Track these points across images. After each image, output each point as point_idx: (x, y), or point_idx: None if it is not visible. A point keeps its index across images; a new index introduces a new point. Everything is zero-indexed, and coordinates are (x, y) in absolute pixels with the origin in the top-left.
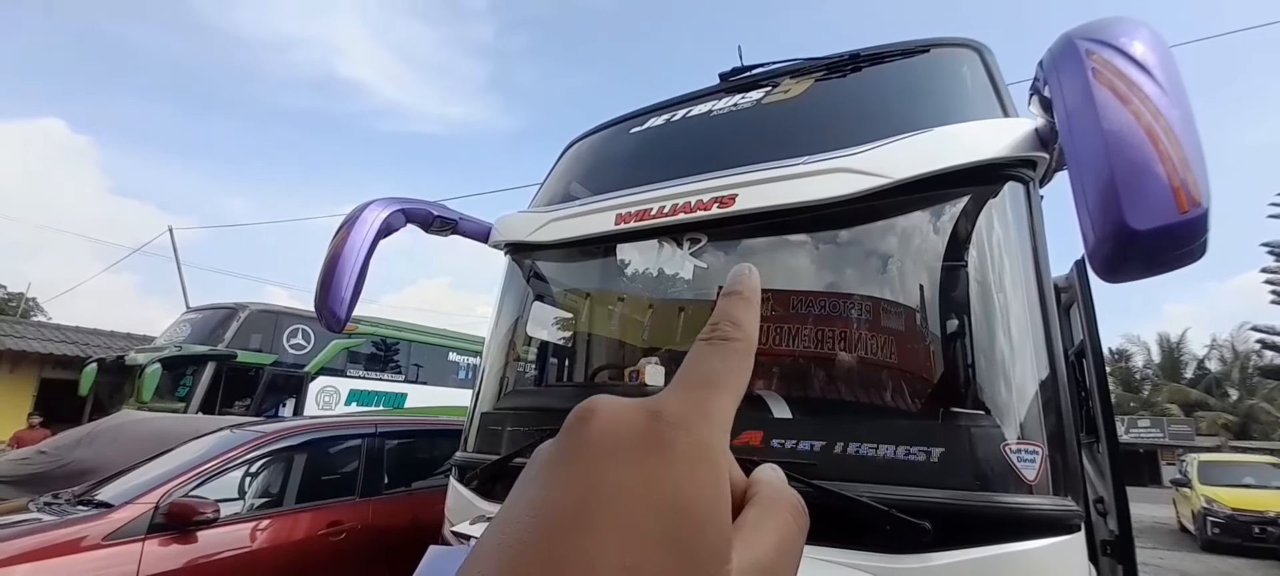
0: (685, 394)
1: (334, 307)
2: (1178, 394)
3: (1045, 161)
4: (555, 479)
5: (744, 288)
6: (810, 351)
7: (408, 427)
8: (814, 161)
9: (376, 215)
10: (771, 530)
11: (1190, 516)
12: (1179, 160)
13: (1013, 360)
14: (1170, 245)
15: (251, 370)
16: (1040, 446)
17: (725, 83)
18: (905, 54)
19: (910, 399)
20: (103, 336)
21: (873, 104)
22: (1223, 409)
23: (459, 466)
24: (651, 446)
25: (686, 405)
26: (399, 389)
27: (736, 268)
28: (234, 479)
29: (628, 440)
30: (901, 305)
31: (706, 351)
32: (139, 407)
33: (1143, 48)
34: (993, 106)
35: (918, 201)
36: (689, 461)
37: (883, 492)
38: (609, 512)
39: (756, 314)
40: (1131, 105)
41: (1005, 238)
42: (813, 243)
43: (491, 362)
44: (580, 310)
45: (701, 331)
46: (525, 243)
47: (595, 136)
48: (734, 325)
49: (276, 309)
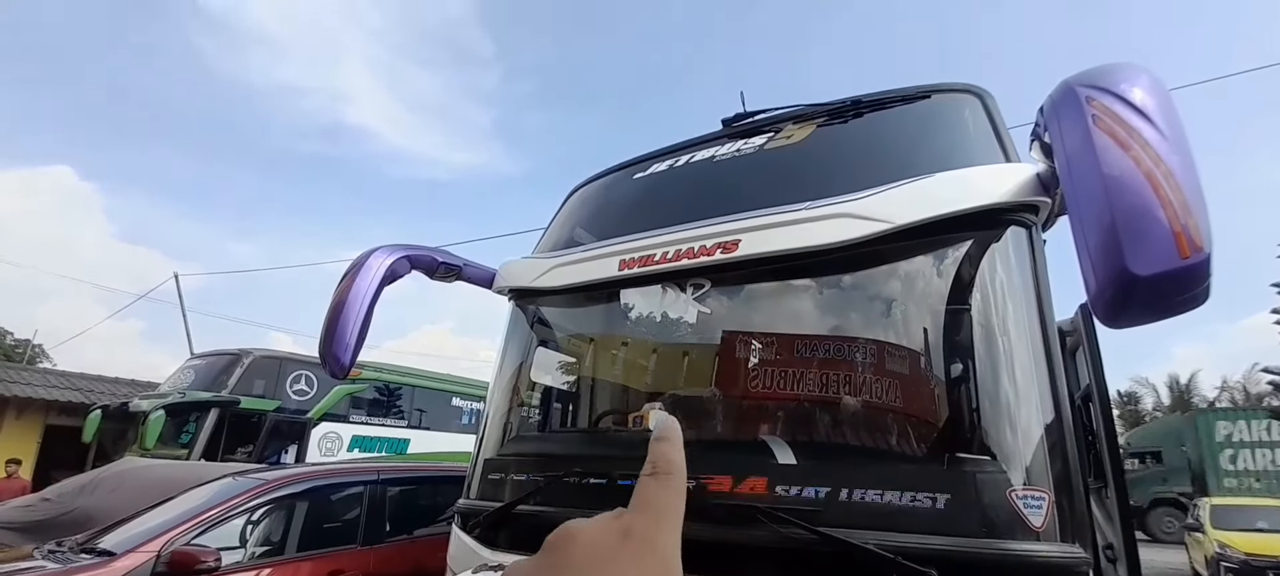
0: (645, 517)
1: (338, 354)
2: None
3: (1047, 206)
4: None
5: (670, 433)
6: (814, 396)
7: (410, 474)
8: (817, 207)
9: (381, 262)
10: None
11: (1203, 561)
12: (1180, 205)
13: (1018, 405)
14: (1172, 290)
15: (254, 416)
16: (1047, 492)
17: (728, 128)
18: (906, 100)
19: (915, 444)
20: (107, 383)
21: (875, 149)
22: None
23: (462, 513)
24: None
25: (647, 525)
26: (402, 435)
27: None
28: (236, 527)
29: (605, 555)
30: (906, 349)
31: (652, 485)
32: (143, 454)
33: (1142, 94)
34: (994, 151)
35: (921, 246)
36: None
37: (888, 540)
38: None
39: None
40: (1131, 151)
41: (1009, 282)
42: (816, 287)
43: (495, 408)
44: (584, 355)
45: (643, 468)
46: (529, 288)
47: (599, 182)
48: (668, 462)
49: (280, 354)
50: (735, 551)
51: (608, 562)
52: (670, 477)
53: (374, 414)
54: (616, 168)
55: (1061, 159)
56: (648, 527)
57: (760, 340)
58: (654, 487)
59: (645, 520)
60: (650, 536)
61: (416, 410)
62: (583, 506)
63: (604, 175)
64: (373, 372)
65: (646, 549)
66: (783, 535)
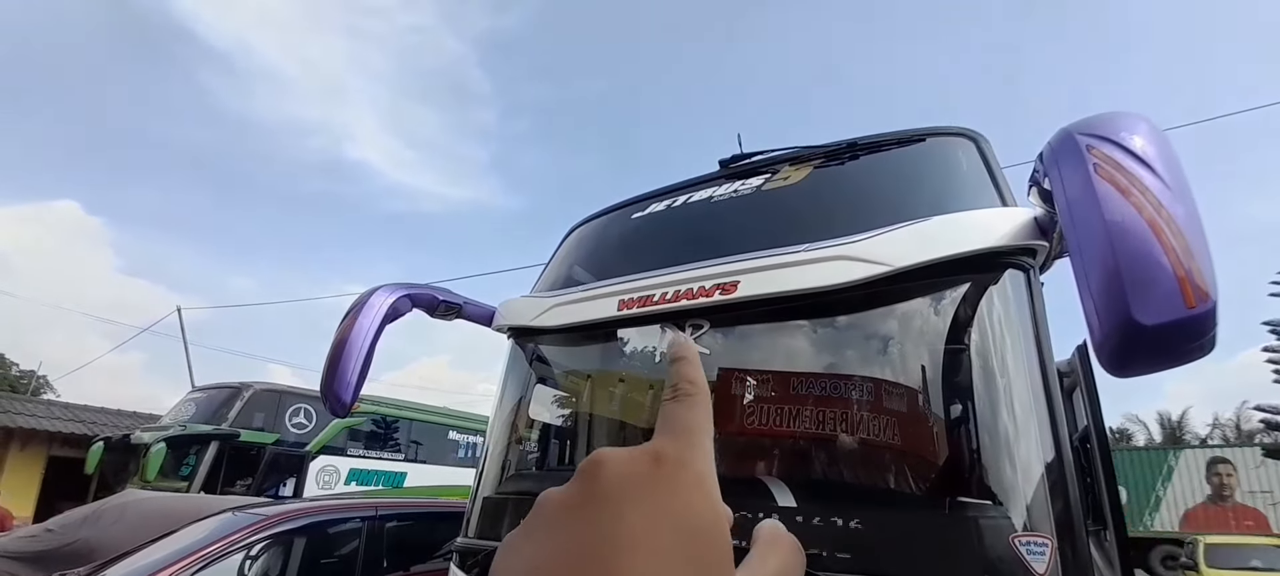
0: (674, 439)
1: (339, 392)
2: None
3: (1045, 249)
4: (579, 520)
5: (687, 352)
6: (813, 436)
7: (408, 510)
8: (815, 249)
9: (383, 301)
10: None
11: None
12: (1184, 253)
13: (1018, 448)
14: (1179, 340)
15: (254, 449)
16: (1049, 537)
17: (725, 169)
18: (902, 142)
19: (916, 487)
20: (110, 415)
21: (871, 191)
22: None
23: (460, 552)
24: (660, 481)
25: (678, 447)
26: (398, 468)
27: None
28: (234, 563)
29: (640, 479)
30: (905, 391)
31: (678, 407)
32: (144, 486)
33: (1142, 141)
34: (990, 194)
35: (919, 289)
36: (690, 488)
37: None
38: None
39: (702, 371)
40: (1133, 198)
41: (1007, 324)
42: (815, 328)
43: (494, 446)
44: (582, 393)
45: (665, 392)
46: (528, 327)
47: (597, 221)
48: (691, 382)
49: (279, 387)
50: None
51: (641, 488)
52: (694, 397)
53: (371, 447)
54: (615, 207)
55: (1062, 206)
56: (680, 449)
57: (758, 379)
58: (679, 409)
59: (676, 442)
60: (683, 457)
61: (413, 443)
62: None
63: (602, 214)
64: (370, 406)
65: (681, 469)
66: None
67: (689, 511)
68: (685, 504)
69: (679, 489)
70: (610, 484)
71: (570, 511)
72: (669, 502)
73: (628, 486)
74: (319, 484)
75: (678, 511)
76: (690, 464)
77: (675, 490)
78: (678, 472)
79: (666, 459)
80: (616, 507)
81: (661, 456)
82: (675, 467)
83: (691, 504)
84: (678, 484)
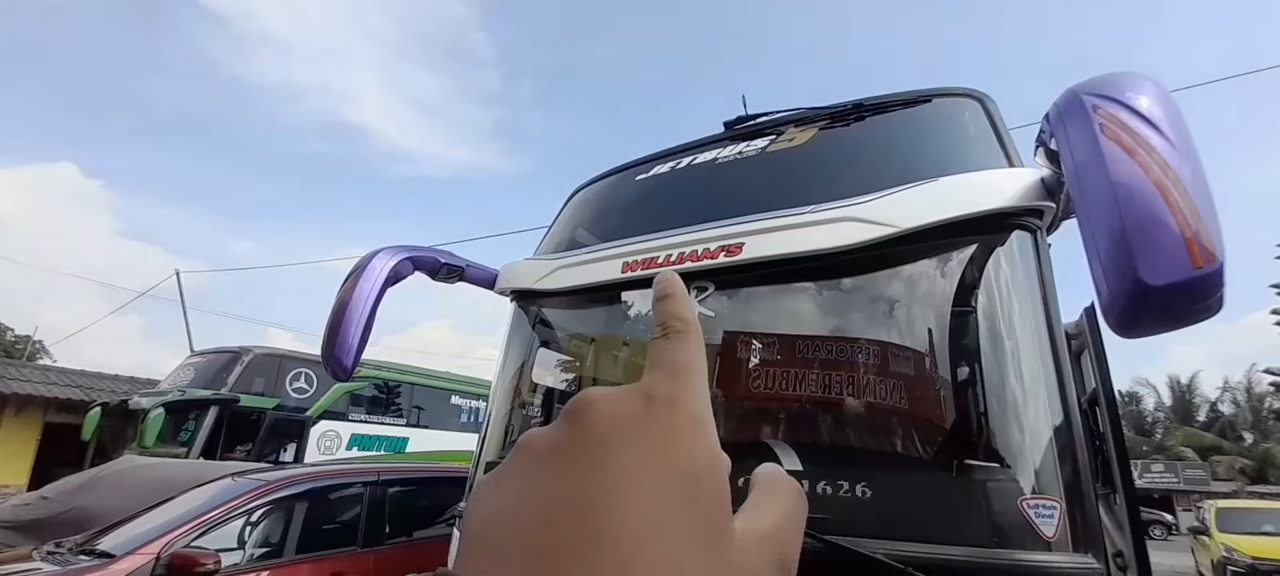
0: (667, 377)
1: (341, 356)
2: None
3: (1052, 210)
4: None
5: (674, 289)
6: (819, 400)
7: (411, 475)
8: (821, 210)
9: (384, 264)
10: (773, 505)
11: (1209, 566)
12: (1191, 214)
13: (1027, 410)
14: (1186, 301)
15: (254, 414)
16: (1058, 500)
17: (730, 131)
18: (907, 103)
19: (923, 451)
20: (107, 380)
21: (876, 152)
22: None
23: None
24: (652, 422)
25: (671, 386)
26: (401, 433)
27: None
28: (235, 528)
29: (630, 420)
30: (912, 354)
31: (668, 345)
32: (142, 452)
33: (1149, 102)
34: (996, 154)
35: (926, 250)
36: (685, 429)
37: (898, 549)
38: (624, 483)
39: (692, 308)
40: (1139, 159)
41: (1015, 286)
42: (821, 291)
43: (497, 410)
44: (586, 356)
45: (655, 331)
46: (531, 290)
47: (601, 183)
48: (680, 320)
49: (279, 352)
50: None
51: (633, 429)
52: (685, 334)
53: (373, 412)
54: (618, 169)
55: (1069, 167)
56: (672, 388)
57: (764, 343)
58: (669, 347)
59: (667, 381)
60: (675, 397)
61: (415, 408)
62: None
63: (606, 176)
64: (372, 370)
65: (675, 409)
66: None
67: (684, 454)
68: (680, 446)
69: (673, 430)
70: (599, 425)
71: (555, 453)
72: (663, 444)
73: (618, 427)
74: (320, 449)
75: (673, 453)
76: (684, 403)
77: (669, 431)
78: (671, 412)
79: (659, 398)
80: (605, 449)
81: (653, 396)
82: (668, 407)
83: (687, 446)
84: (672, 425)
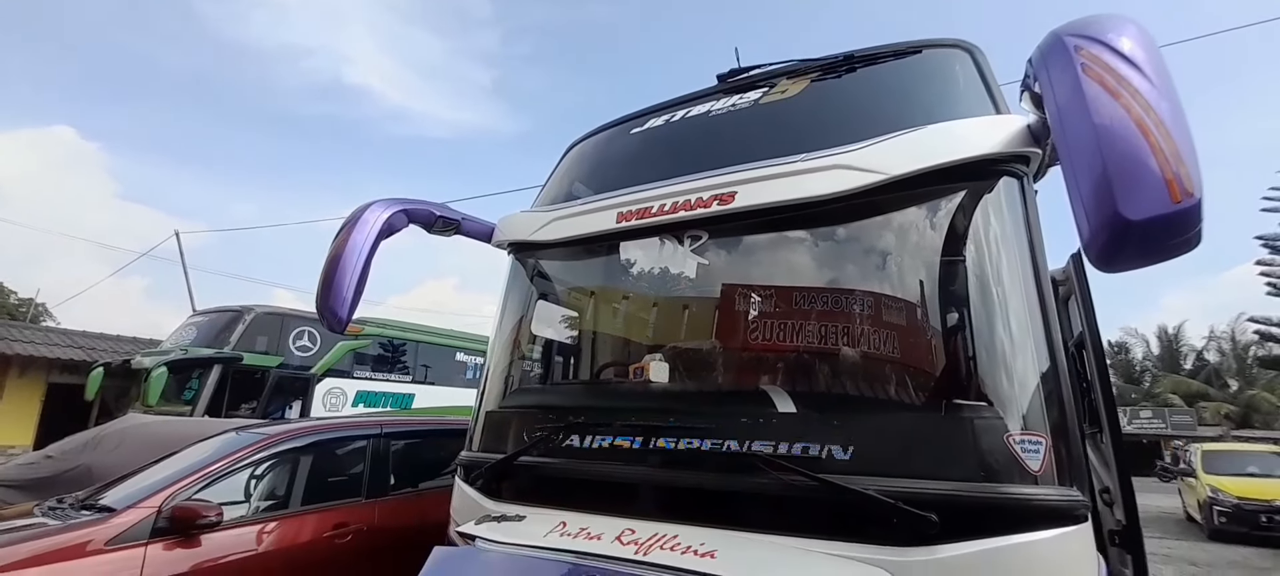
0: None
1: (335, 308)
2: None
3: (1038, 156)
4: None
5: None
6: (812, 346)
7: (414, 428)
8: (811, 159)
9: (378, 216)
10: None
11: (1196, 506)
12: (1171, 152)
13: (1013, 352)
14: (1165, 235)
15: (258, 372)
16: (1044, 437)
17: (723, 84)
18: (898, 54)
19: (913, 392)
20: (109, 340)
21: (868, 103)
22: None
23: (464, 466)
24: None
25: None
26: (406, 390)
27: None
28: (239, 481)
29: None
30: (902, 300)
31: None
32: (145, 411)
33: (1131, 43)
34: (985, 104)
35: (914, 197)
36: None
37: (889, 486)
38: None
39: None
40: (1122, 99)
41: (1002, 231)
42: (813, 238)
43: (496, 361)
44: (584, 308)
45: None
46: (528, 242)
47: (597, 137)
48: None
49: (282, 311)
50: (738, 499)
51: None
52: None
53: (378, 369)
54: (614, 123)
55: (1052, 108)
56: None
57: (759, 292)
58: None
59: None
60: None
61: (421, 365)
62: (583, 458)
63: (601, 130)
64: (376, 328)
65: None
66: (785, 483)
67: None
68: None
69: None
70: None
71: None
72: None
73: None
74: (326, 407)
75: None
76: None
77: None
78: None
79: None
80: None
81: None
82: None
83: None
84: None
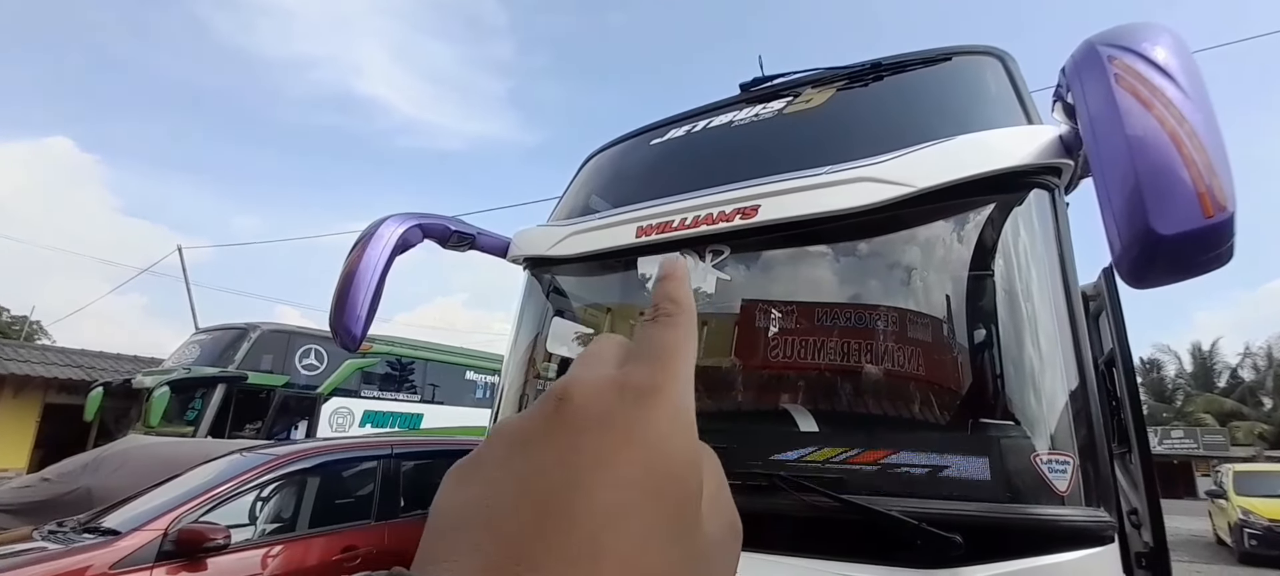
0: (647, 363)
1: (349, 325)
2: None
3: (1070, 168)
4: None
5: (674, 270)
6: (836, 364)
7: (425, 448)
8: (837, 171)
9: (393, 231)
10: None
11: (1227, 528)
12: (1204, 164)
13: (1042, 369)
14: (1197, 250)
15: (263, 392)
16: (1071, 457)
17: (746, 93)
18: (927, 62)
19: (938, 410)
20: (109, 359)
21: (895, 113)
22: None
23: None
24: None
25: (651, 373)
26: (415, 409)
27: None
28: (246, 503)
29: (603, 410)
30: (928, 315)
31: (654, 328)
32: (146, 432)
33: (1165, 53)
34: (1016, 114)
35: (943, 210)
36: (661, 420)
37: (914, 506)
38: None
39: (689, 291)
40: (1155, 110)
41: (1032, 245)
42: (837, 253)
43: (511, 380)
44: (601, 325)
45: (645, 313)
46: (544, 257)
47: (615, 148)
48: (673, 302)
49: (288, 328)
50: (759, 520)
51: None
52: (674, 317)
53: (386, 388)
54: (633, 134)
55: (1084, 119)
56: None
57: (781, 308)
58: (655, 331)
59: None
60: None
61: (430, 384)
62: None
63: (620, 141)
64: (384, 347)
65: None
66: (807, 503)
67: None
68: (653, 436)
69: (650, 420)
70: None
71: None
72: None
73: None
74: (332, 427)
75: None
76: (663, 392)
77: (643, 421)
78: (647, 402)
79: (635, 387)
80: (577, 438)
81: (627, 385)
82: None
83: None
84: (646, 415)
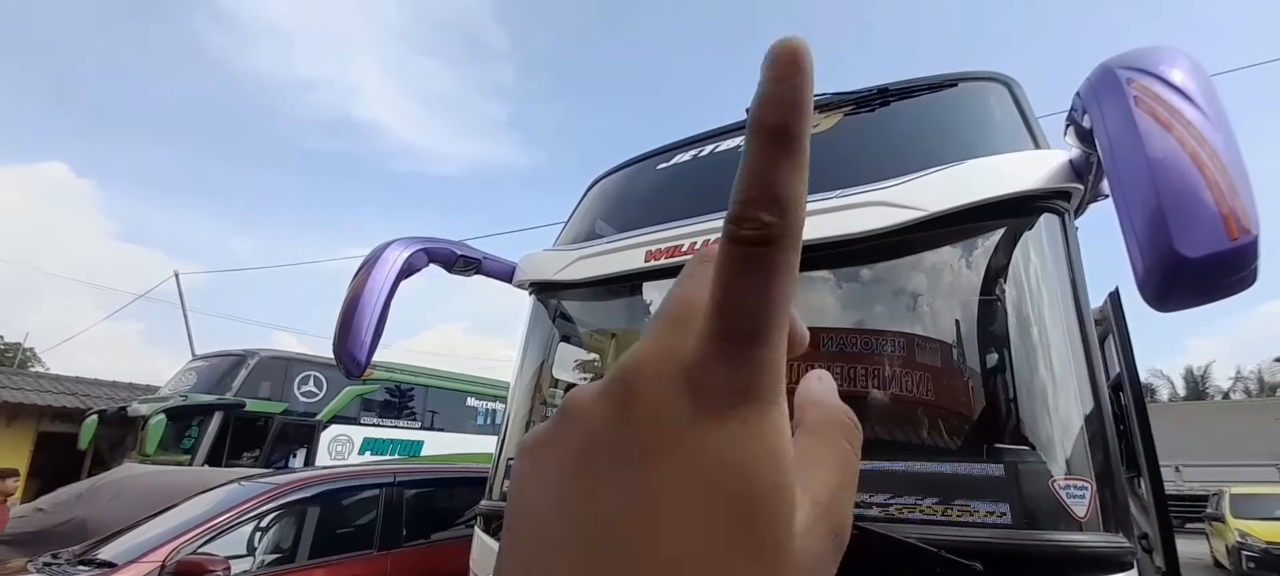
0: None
1: (354, 351)
2: None
3: (1080, 192)
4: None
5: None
6: (849, 389)
7: (429, 476)
8: (847, 195)
9: (398, 255)
10: (829, 462)
11: (1224, 551)
12: (1226, 186)
13: (1057, 394)
14: (1221, 273)
15: (260, 419)
16: (1089, 482)
17: None
18: (933, 88)
19: (955, 436)
20: (104, 387)
21: (902, 137)
22: None
23: (484, 515)
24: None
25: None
26: (415, 436)
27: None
28: (245, 534)
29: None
30: (941, 340)
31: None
32: (142, 461)
33: (1182, 75)
34: (1023, 139)
35: (954, 235)
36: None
37: (932, 534)
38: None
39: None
40: (1175, 132)
41: (1043, 269)
42: (849, 277)
43: (517, 406)
44: (607, 350)
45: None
46: (552, 282)
47: (620, 173)
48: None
49: (287, 355)
50: None
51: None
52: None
53: (386, 415)
54: (638, 158)
55: (1103, 142)
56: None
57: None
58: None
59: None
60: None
61: (430, 411)
62: None
63: (626, 166)
64: (384, 373)
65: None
66: None
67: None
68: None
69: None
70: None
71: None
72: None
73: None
74: (332, 454)
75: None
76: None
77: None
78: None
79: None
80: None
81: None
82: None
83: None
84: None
